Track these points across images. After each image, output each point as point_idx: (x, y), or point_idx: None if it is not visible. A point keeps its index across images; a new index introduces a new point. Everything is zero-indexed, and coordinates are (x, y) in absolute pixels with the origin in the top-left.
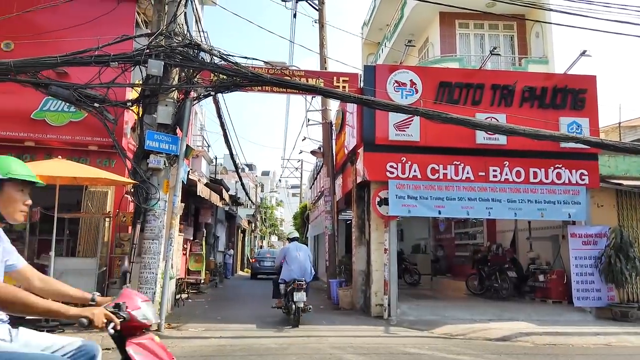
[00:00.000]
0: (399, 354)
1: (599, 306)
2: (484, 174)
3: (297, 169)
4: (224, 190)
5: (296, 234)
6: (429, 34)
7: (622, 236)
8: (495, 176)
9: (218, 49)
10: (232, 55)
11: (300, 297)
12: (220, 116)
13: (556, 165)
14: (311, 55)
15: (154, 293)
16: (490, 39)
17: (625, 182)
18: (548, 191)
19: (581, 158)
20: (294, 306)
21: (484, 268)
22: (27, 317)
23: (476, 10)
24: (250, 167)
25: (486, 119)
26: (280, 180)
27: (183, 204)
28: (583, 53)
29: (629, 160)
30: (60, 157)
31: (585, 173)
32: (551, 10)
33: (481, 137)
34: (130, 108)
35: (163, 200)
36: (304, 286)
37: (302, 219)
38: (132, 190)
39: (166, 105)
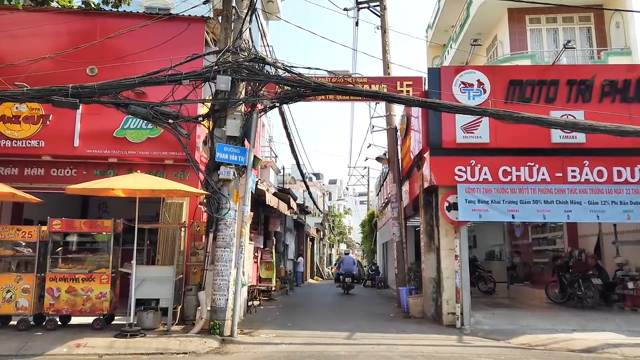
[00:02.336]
0: None
1: None
2: (561, 174)
3: (363, 176)
4: (291, 199)
5: (348, 250)
6: (497, 32)
7: None
8: (574, 177)
9: (282, 62)
10: (295, 67)
11: (348, 280)
12: (286, 127)
13: None
14: (376, 62)
15: (227, 300)
16: (564, 33)
17: None
18: (635, 191)
19: None
20: (345, 284)
21: (566, 275)
22: (112, 322)
23: (549, 4)
24: (318, 176)
25: (562, 116)
26: (347, 188)
27: (252, 213)
28: None
29: None
30: (139, 171)
31: None
32: None
33: (557, 136)
34: (202, 123)
35: (233, 210)
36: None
37: (370, 227)
38: (205, 200)
39: (234, 119)
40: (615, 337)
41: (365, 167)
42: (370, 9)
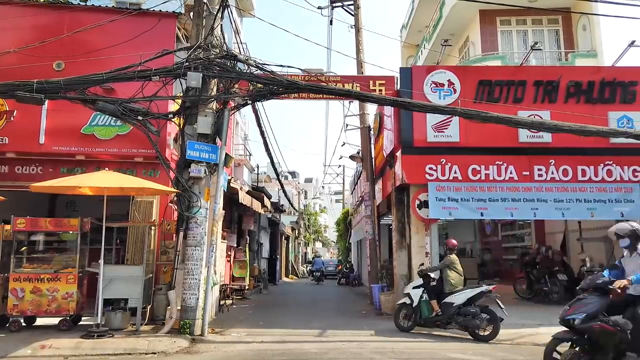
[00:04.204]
0: (441, 359)
1: None
2: (528, 173)
3: (338, 175)
4: (265, 198)
5: (320, 254)
6: (469, 33)
7: None
8: (540, 175)
9: (254, 59)
10: (268, 65)
11: (317, 274)
12: (260, 125)
13: (606, 162)
14: (351, 61)
15: (197, 299)
16: (534, 35)
17: None
18: (598, 189)
19: (634, 154)
20: (316, 277)
21: (533, 271)
22: (79, 323)
23: (519, 6)
24: (293, 174)
25: (529, 116)
26: (322, 187)
27: (224, 211)
28: (632, 44)
29: None
30: (107, 169)
31: (639, 169)
32: (597, 1)
33: (524, 136)
34: (172, 120)
35: (204, 208)
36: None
37: (345, 225)
38: (175, 198)
39: (205, 116)
40: None
41: (340, 166)
42: (344, 7)
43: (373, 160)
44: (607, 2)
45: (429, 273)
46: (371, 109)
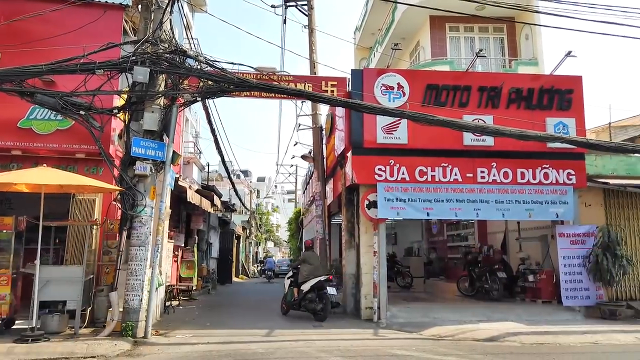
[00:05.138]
0: (385, 356)
1: (588, 305)
2: (471, 175)
3: (291, 174)
4: (215, 197)
5: (272, 254)
6: (419, 37)
7: (609, 235)
8: (483, 177)
9: (205, 55)
10: (219, 61)
11: (269, 273)
12: (210, 122)
13: (543, 166)
14: (306, 61)
15: (141, 300)
16: (480, 42)
17: (612, 181)
18: (536, 191)
19: (568, 158)
20: (267, 275)
21: (475, 269)
22: (12, 327)
23: (466, 14)
24: (246, 173)
25: (473, 120)
26: (275, 186)
27: (170, 210)
28: (568, 54)
29: (616, 159)
30: (45, 165)
31: (573, 173)
32: (539, 12)
33: (469, 139)
34: (117, 115)
35: (150, 207)
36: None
37: (297, 224)
38: (119, 197)
39: (152, 112)
40: (516, 326)
41: (293, 165)
42: (298, 7)
43: (324, 160)
44: (547, 14)
45: (297, 266)
46: (323, 109)
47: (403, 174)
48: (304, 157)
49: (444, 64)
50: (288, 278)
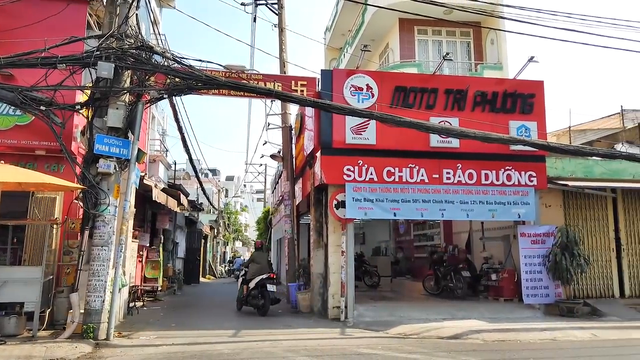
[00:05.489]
0: (351, 354)
1: (547, 303)
2: (437, 176)
3: (260, 173)
4: (182, 196)
5: (240, 254)
6: (389, 39)
7: (568, 235)
8: (448, 178)
9: (172, 52)
10: (187, 58)
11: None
12: (177, 120)
13: (506, 167)
14: (276, 60)
15: (103, 301)
16: (447, 45)
17: (570, 183)
18: (499, 192)
19: (530, 160)
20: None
21: (440, 268)
22: None
23: (434, 17)
24: (214, 172)
25: (440, 122)
26: (244, 185)
27: (135, 209)
28: (531, 59)
29: (575, 162)
30: (2, 162)
31: (534, 175)
32: (504, 18)
33: (435, 141)
34: (80, 111)
35: (113, 206)
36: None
37: (266, 224)
38: (81, 195)
39: (117, 109)
40: (479, 324)
41: (262, 165)
42: (268, 6)
43: (294, 159)
44: (511, 20)
45: (247, 265)
46: (293, 109)
47: (371, 174)
48: (273, 156)
49: (412, 67)
50: (241, 276)
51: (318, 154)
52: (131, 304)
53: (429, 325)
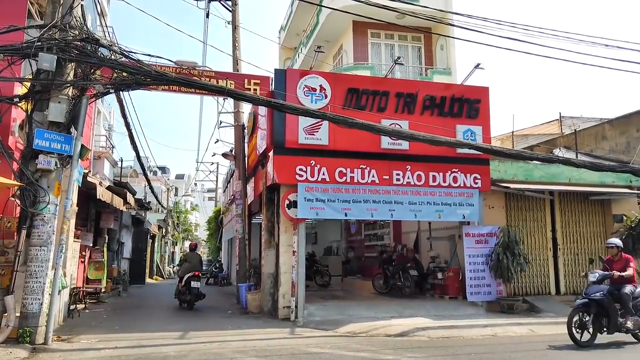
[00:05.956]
0: (300, 354)
1: (489, 300)
2: (388, 177)
3: (211, 172)
4: (128, 194)
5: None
6: (343, 41)
7: (509, 235)
8: (398, 179)
9: (120, 45)
10: (135, 52)
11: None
12: (124, 115)
13: (453, 170)
14: (230, 58)
15: (41, 304)
16: (399, 49)
17: (512, 186)
18: (445, 194)
19: (475, 163)
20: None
21: (389, 268)
22: None
23: (386, 22)
24: (164, 170)
25: (390, 125)
26: (195, 184)
27: (77, 208)
28: (477, 66)
29: (516, 165)
30: None
31: (479, 177)
32: (453, 25)
33: (386, 142)
34: (18, 104)
35: (53, 204)
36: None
37: (216, 223)
38: (18, 193)
39: (59, 102)
40: (425, 321)
41: (213, 163)
42: (222, 2)
43: (246, 159)
44: (460, 27)
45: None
46: (246, 107)
47: (323, 174)
48: (225, 155)
49: (365, 69)
50: (178, 274)
51: (271, 154)
52: (72, 307)
53: (377, 323)
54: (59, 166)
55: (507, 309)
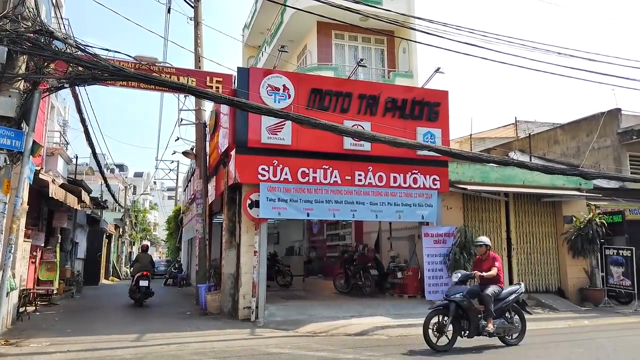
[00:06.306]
0: (260, 354)
1: None
2: (350, 178)
3: (171, 170)
4: (83, 192)
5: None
6: (307, 41)
7: (466, 235)
8: (360, 180)
9: (76, 38)
10: (92, 46)
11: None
12: (80, 111)
13: (413, 171)
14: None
15: None
16: (363, 51)
17: (469, 187)
18: (405, 194)
19: (434, 165)
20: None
21: (350, 267)
22: None
23: (349, 23)
24: (122, 167)
25: (353, 126)
26: (154, 183)
27: (28, 207)
28: (437, 70)
29: (474, 167)
30: None
31: (437, 178)
32: (414, 29)
33: (348, 143)
34: None
35: (2, 202)
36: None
37: (176, 223)
38: None
39: (9, 96)
40: (384, 320)
41: (174, 162)
42: None
43: (207, 157)
44: (421, 32)
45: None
46: (208, 105)
47: (286, 174)
48: (185, 153)
49: (329, 70)
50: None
51: (233, 153)
52: (21, 309)
53: (337, 322)
54: (8, 163)
55: None
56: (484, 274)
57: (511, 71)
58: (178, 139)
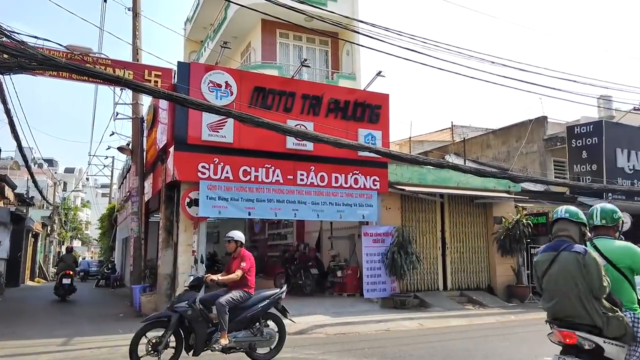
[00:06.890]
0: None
1: (384, 297)
2: (292, 177)
3: (106, 166)
4: (7, 188)
5: (78, 254)
6: (251, 39)
7: (403, 235)
8: (302, 180)
9: (0, 23)
10: (19, 33)
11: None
12: (4, 101)
13: (354, 172)
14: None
15: None
16: (307, 51)
17: (407, 188)
18: (346, 195)
19: (374, 166)
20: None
21: (291, 267)
22: None
23: (294, 23)
24: (51, 162)
25: (296, 125)
26: (87, 179)
27: None
28: (378, 74)
29: (412, 169)
30: None
31: (377, 179)
32: (357, 32)
33: (291, 143)
34: None
35: None
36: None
37: (110, 222)
38: None
39: None
40: (323, 318)
41: (108, 157)
42: None
43: (144, 153)
44: (364, 35)
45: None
46: (146, 99)
47: (227, 173)
48: (121, 149)
49: (273, 68)
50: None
51: (171, 149)
52: None
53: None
54: None
55: (400, 305)
56: (219, 277)
57: (449, 77)
58: (113, 133)
